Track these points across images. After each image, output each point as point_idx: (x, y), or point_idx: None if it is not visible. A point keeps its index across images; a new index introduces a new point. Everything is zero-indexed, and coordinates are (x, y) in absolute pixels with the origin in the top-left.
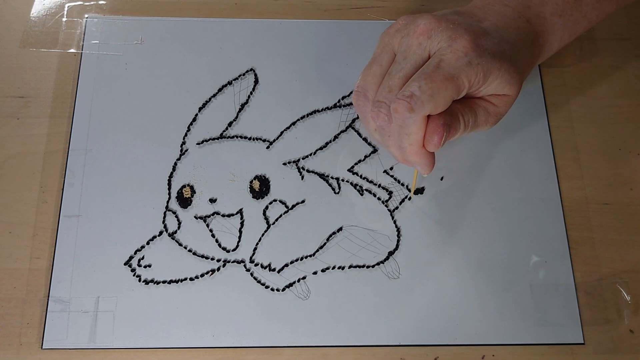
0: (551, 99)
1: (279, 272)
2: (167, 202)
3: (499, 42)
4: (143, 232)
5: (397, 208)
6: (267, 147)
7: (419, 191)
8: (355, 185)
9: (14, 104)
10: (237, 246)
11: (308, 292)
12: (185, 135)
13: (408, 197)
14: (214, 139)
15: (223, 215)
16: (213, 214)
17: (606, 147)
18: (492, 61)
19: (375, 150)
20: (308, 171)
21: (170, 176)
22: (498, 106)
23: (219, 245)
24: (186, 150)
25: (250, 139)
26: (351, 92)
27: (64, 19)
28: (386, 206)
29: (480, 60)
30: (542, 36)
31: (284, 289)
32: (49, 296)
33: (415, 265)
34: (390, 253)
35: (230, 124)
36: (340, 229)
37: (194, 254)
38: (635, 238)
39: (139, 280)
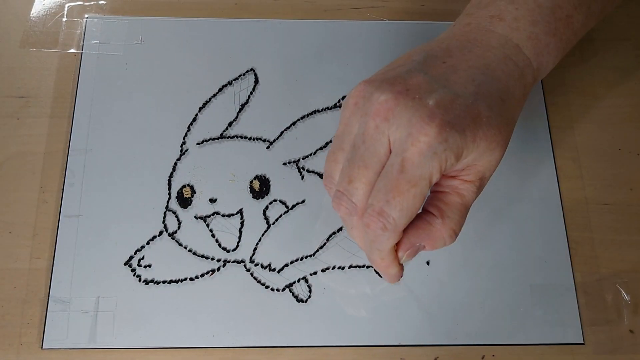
0: (551, 99)
1: (279, 272)
2: (167, 202)
3: (474, 101)
4: (143, 232)
5: None
6: (267, 147)
7: None
8: None
9: (14, 104)
10: (237, 246)
11: (308, 292)
12: (185, 135)
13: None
14: (214, 139)
15: (223, 215)
16: (213, 214)
17: (606, 147)
18: (462, 138)
19: None
20: (308, 171)
21: (170, 176)
22: (481, 174)
23: (219, 245)
24: (186, 150)
25: (250, 139)
26: None
27: (64, 19)
28: None
29: (446, 145)
30: (537, 59)
31: (284, 289)
32: (49, 296)
33: (415, 265)
34: None
35: (230, 124)
36: (340, 229)
37: (194, 254)
38: (635, 238)
39: (139, 280)
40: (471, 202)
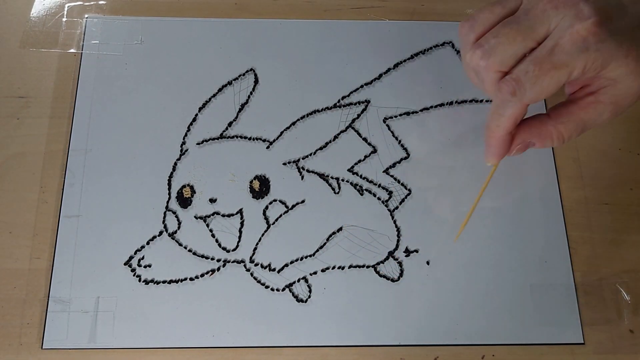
0: (551, 99)
1: (279, 272)
2: (167, 202)
3: (637, 23)
4: (143, 232)
5: (397, 208)
6: (267, 147)
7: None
8: (355, 185)
9: (14, 104)
10: (237, 246)
11: (308, 292)
12: (185, 135)
13: (455, 240)
14: (214, 139)
15: (223, 215)
16: (213, 214)
17: (606, 147)
18: (617, 48)
19: (375, 151)
20: (308, 171)
21: (170, 176)
22: (617, 97)
23: (219, 245)
24: (186, 150)
25: (250, 139)
26: (351, 93)
27: (64, 19)
28: (386, 206)
29: (600, 46)
30: None
31: (284, 289)
32: (49, 296)
33: (415, 265)
34: (390, 253)
35: (230, 124)
36: (340, 229)
37: (194, 254)
38: (635, 238)
39: (139, 280)
40: (591, 122)
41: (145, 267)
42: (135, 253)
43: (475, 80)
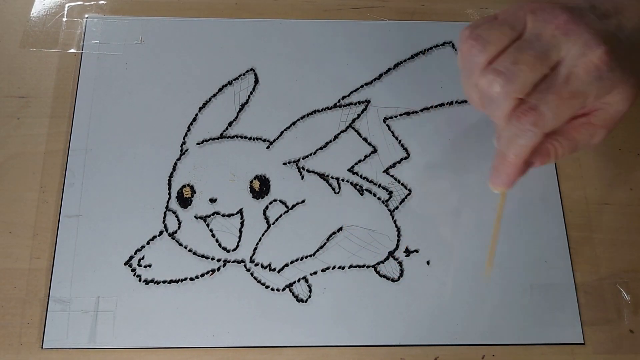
0: None
1: (279, 272)
2: (167, 202)
3: (629, 51)
4: (143, 232)
5: (397, 208)
6: (267, 147)
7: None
8: (355, 185)
9: (14, 104)
10: (237, 246)
11: (308, 292)
12: (185, 135)
13: (487, 273)
14: (214, 139)
15: (223, 215)
16: (213, 214)
17: (606, 147)
18: (622, 75)
19: (375, 151)
20: (308, 171)
21: (170, 176)
22: (607, 121)
23: (219, 245)
24: (186, 150)
25: (250, 139)
26: (351, 93)
27: (64, 19)
28: (386, 206)
29: (610, 75)
30: None
31: (284, 289)
32: (49, 296)
33: (415, 265)
34: (390, 253)
35: (230, 124)
36: (340, 229)
37: (194, 254)
38: (635, 238)
39: (139, 280)
40: (583, 143)
41: (145, 267)
42: (135, 253)
43: (478, 103)
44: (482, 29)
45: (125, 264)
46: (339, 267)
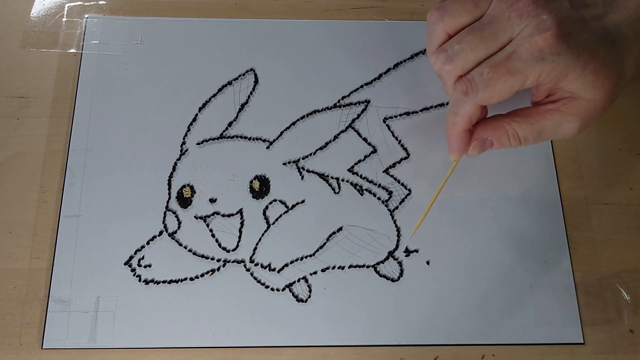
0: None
1: (279, 272)
2: (167, 202)
3: (598, 40)
4: (143, 232)
5: (397, 208)
6: (267, 147)
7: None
8: (355, 185)
9: (14, 104)
10: (237, 246)
11: (308, 292)
12: (185, 135)
13: (410, 237)
14: (214, 139)
15: (223, 215)
16: (213, 214)
17: (606, 147)
18: (574, 61)
19: (375, 151)
20: (308, 171)
21: (170, 176)
22: (579, 110)
23: (219, 245)
24: (186, 150)
25: (250, 139)
26: (351, 93)
27: (64, 19)
28: (386, 206)
29: (555, 58)
30: None
31: (284, 289)
32: (49, 296)
33: (415, 265)
34: (390, 253)
35: (230, 124)
36: (340, 229)
37: (194, 254)
38: (635, 238)
39: (139, 280)
40: (550, 131)
41: (145, 267)
42: (135, 253)
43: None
44: (449, 1)
45: (125, 264)
46: (339, 267)
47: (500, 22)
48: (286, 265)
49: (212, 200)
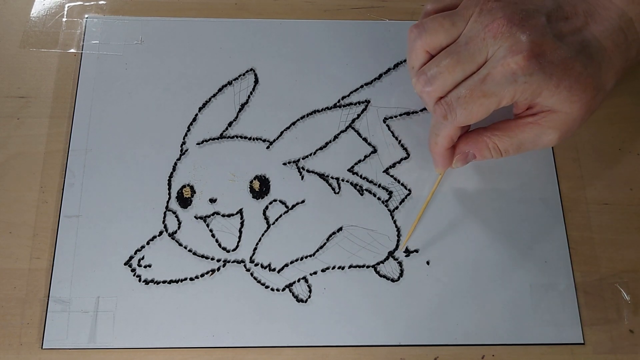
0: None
1: (279, 272)
2: (167, 202)
3: (573, 55)
4: (143, 232)
5: (397, 208)
6: (267, 147)
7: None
8: (355, 185)
9: (14, 104)
10: (237, 246)
11: (308, 292)
12: (185, 135)
13: (402, 249)
14: (214, 139)
15: (223, 215)
16: (213, 214)
17: (606, 147)
18: (546, 80)
19: (375, 151)
20: (308, 171)
21: (170, 176)
22: (557, 123)
23: (219, 245)
24: (186, 150)
25: (250, 139)
26: (351, 93)
27: (64, 19)
28: (386, 206)
29: (528, 79)
30: None
31: (284, 289)
32: (49, 296)
33: (415, 265)
34: (390, 253)
35: (230, 124)
36: (340, 229)
37: (194, 254)
38: (635, 238)
39: (139, 280)
40: (529, 142)
41: (145, 267)
42: (135, 253)
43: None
44: (428, 19)
45: (125, 264)
46: (339, 267)
47: (476, 43)
48: (286, 265)
49: (212, 200)
